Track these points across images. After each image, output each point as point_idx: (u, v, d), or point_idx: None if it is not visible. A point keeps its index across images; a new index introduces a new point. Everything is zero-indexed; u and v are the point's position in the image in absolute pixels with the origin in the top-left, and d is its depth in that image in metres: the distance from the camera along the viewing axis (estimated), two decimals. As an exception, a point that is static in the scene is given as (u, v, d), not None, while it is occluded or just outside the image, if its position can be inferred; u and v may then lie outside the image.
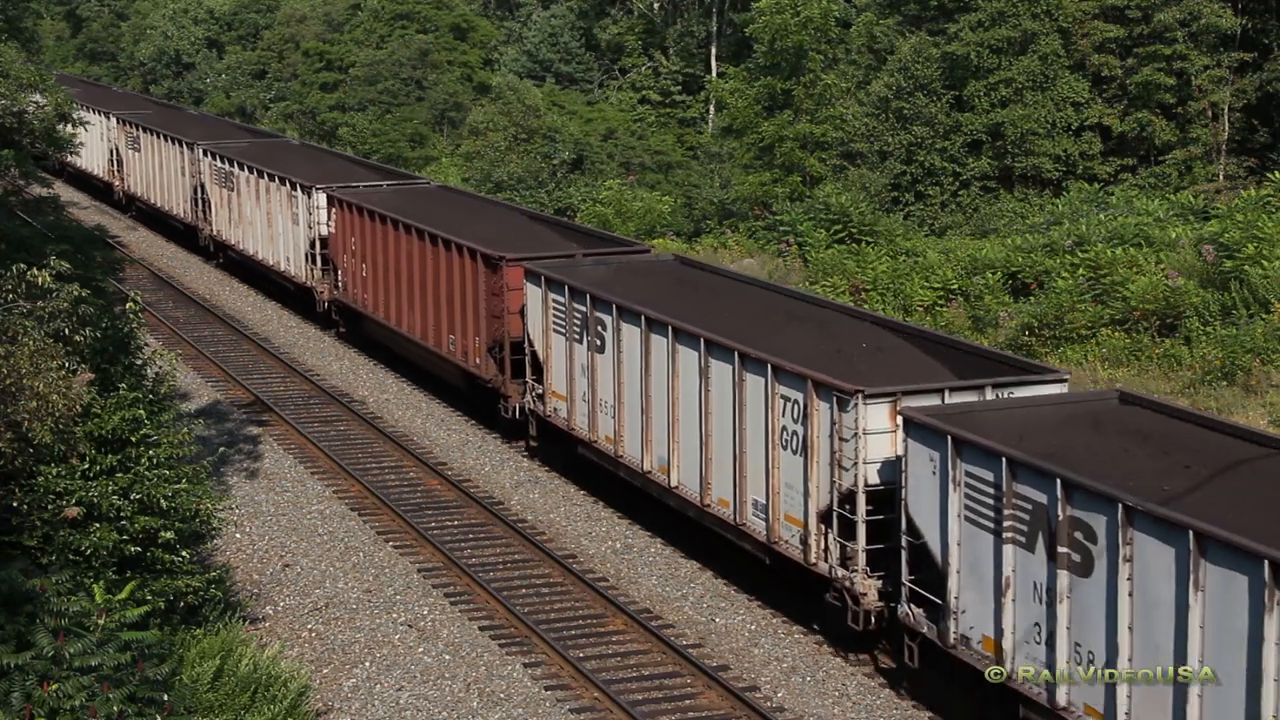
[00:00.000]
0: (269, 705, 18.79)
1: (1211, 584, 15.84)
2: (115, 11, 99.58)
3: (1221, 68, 47.83)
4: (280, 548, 26.89)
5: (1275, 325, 32.42)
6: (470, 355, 33.13)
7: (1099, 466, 18.25)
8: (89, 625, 15.13)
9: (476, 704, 21.02)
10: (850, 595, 21.58)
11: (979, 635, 19.13)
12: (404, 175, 46.69)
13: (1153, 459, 18.64)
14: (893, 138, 49.32)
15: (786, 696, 21.32)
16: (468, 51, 71.20)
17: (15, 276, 17.67)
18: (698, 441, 25.00)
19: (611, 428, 27.73)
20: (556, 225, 37.19)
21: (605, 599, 24.31)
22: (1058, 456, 18.44)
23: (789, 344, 24.02)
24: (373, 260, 38.17)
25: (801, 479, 22.36)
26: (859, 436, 21.23)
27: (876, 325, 25.69)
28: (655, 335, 26.12)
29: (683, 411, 25.49)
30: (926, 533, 19.93)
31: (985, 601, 18.97)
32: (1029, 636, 18.35)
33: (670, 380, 25.73)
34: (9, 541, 18.83)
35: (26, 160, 31.35)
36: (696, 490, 25.19)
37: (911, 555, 20.32)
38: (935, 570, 19.83)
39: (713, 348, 24.54)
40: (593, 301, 28.04)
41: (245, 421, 34.21)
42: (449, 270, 33.80)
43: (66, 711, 14.46)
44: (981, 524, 18.93)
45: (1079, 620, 17.56)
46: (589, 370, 28.34)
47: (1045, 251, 39.06)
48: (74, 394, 17.47)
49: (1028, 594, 18.31)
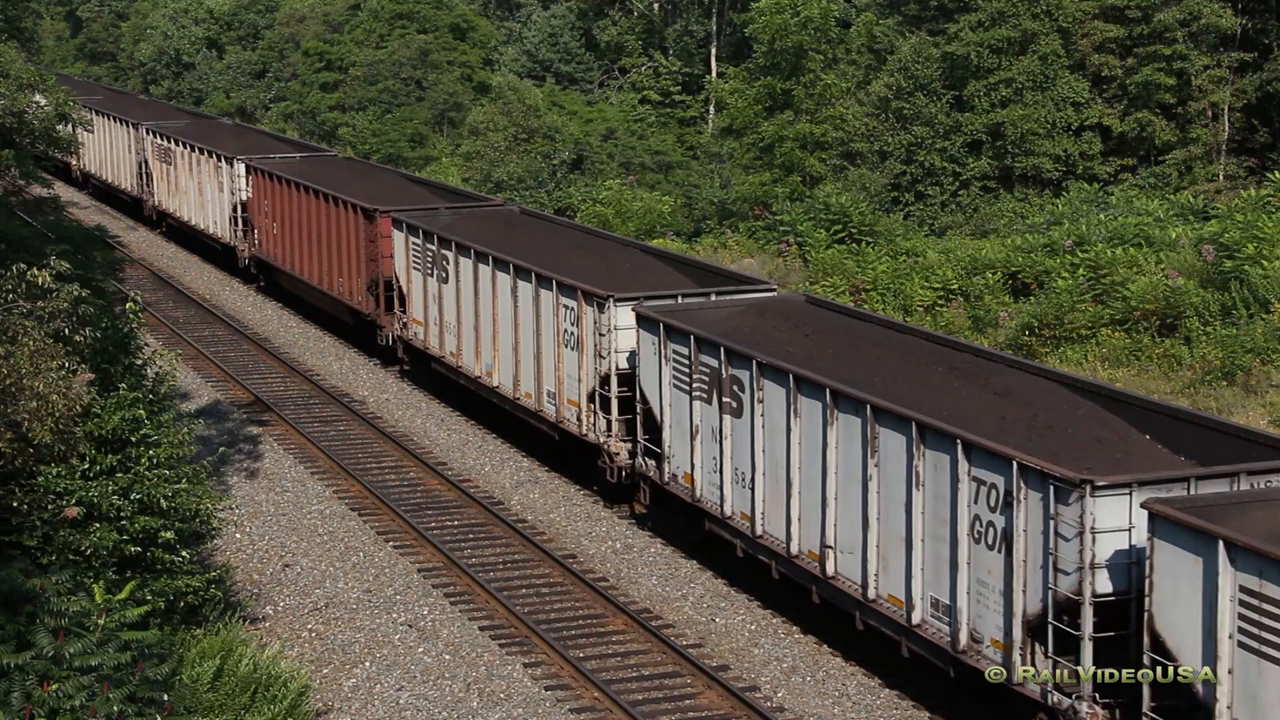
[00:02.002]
0: (269, 705, 18.79)
1: (804, 412, 22.36)
2: (115, 11, 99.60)
3: (1221, 68, 47.85)
4: (280, 548, 26.89)
5: (1275, 325, 32.42)
6: (354, 293, 39.12)
7: (755, 341, 24.47)
8: (89, 625, 15.13)
9: (476, 704, 21.02)
10: (609, 455, 27.69)
11: (682, 472, 25.52)
12: (314, 148, 53.52)
13: (801, 337, 24.83)
14: (893, 138, 49.32)
15: (786, 696, 21.32)
16: (467, 51, 71.20)
17: (15, 276, 17.67)
18: (511, 347, 31.14)
19: (454, 344, 33.89)
20: (430, 185, 43.65)
21: (605, 599, 24.31)
22: (730, 335, 24.78)
23: (571, 266, 30.25)
24: (282, 219, 43.95)
25: (577, 369, 28.54)
26: (611, 331, 27.42)
27: (645, 253, 32.15)
28: (482, 265, 32.27)
29: (501, 326, 31.62)
30: (651, 400, 26.14)
31: (685, 446, 25.40)
32: (710, 468, 24.68)
33: (492, 302, 31.80)
34: (9, 541, 18.82)
35: (26, 160, 31.35)
36: (510, 386, 31.35)
37: (644, 419, 26.42)
38: (657, 428, 26.05)
39: (520, 271, 30.59)
40: (440, 241, 34.22)
41: (245, 421, 34.21)
42: (338, 223, 39.73)
43: (66, 711, 14.46)
44: (680, 388, 25.34)
45: (736, 451, 24.09)
46: (438, 299, 34.47)
47: (1045, 251, 39.07)
48: (74, 394, 17.47)
49: (708, 436, 24.73)
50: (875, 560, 21.14)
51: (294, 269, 43.31)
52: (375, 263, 37.44)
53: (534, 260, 30.80)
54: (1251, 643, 15.47)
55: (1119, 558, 17.61)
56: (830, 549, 22.06)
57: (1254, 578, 15.44)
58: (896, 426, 20.52)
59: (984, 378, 22.23)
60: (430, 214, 36.74)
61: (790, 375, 22.68)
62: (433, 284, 34.55)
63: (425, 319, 35.19)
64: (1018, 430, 20.07)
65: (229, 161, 47.71)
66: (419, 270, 35.20)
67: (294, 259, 43.23)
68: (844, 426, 21.62)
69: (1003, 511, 18.73)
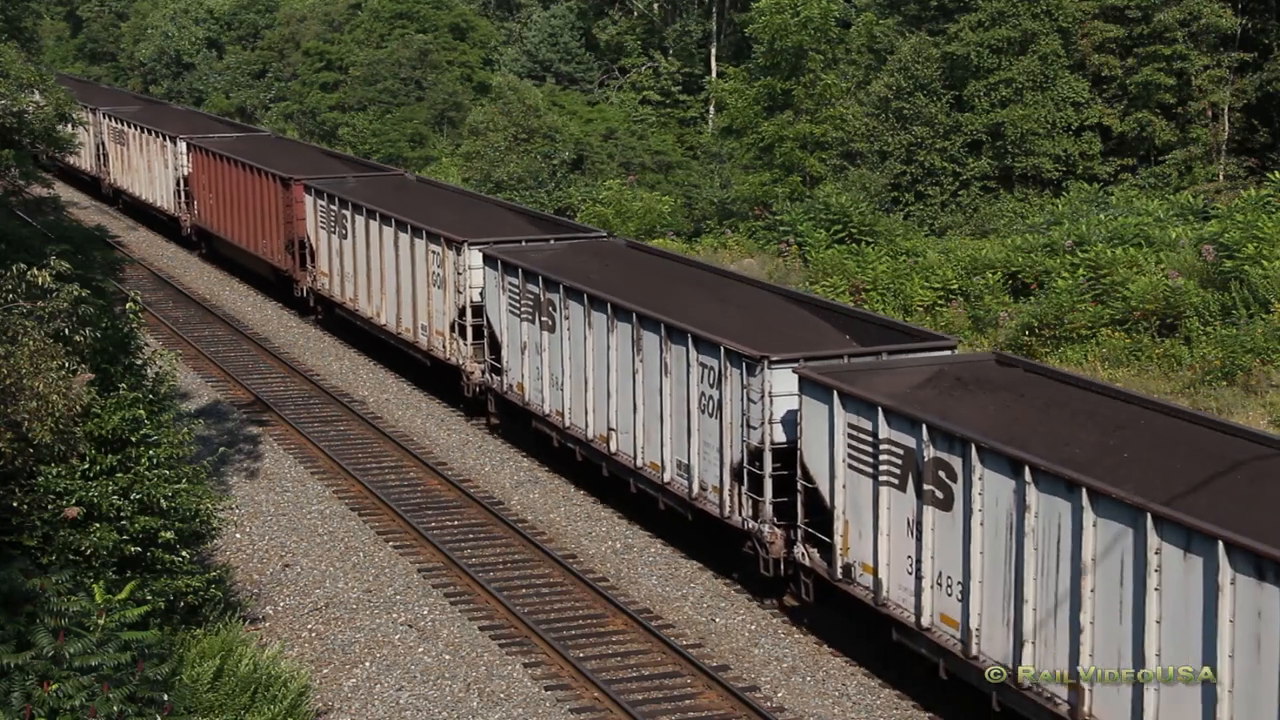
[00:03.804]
0: (269, 705, 18.78)
1: (595, 324, 27.71)
2: (115, 11, 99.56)
3: (1221, 68, 47.84)
4: (280, 548, 26.89)
5: (1275, 325, 32.41)
6: (275, 253, 44.67)
7: (565, 271, 28.66)
8: (89, 625, 15.13)
9: (476, 704, 21.02)
10: (466, 375, 32.95)
11: (515, 382, 28.62)
12: (250, 129, 60.58)
13: (600, 267, 29.99)
14: (893, 138, 49.31)
15: (786, 696, 21.32)
16: (467, 51, 71.18)
17: (15, 276, 17.66)
18: (394, 290, 36.81)
19: (352, 290, 39.53)
20: (342, 158, 50.32)
21: (605, 599, 24.31)
22: (547, 266, 28.17)
23: (440, 219, 35.97)
24: (217, 191, 49.63)
25: (441, 304, 33.97)
26: (466, 271, 31.13)
27: (499, 206, 36.64)
28: (371, 221, 37.80)
29: (386, 272, 37.17)
30: (494, 325, 30.29)
31: (517, 360, 29.02)
32: (534, 376, 28.13)
33: (380, 253, 37.46)
34: (9, 541, 18.81)
35: (26, 160, 31.35)
36: (394, 323, 36.96)
37: (489, 341, 30.21)
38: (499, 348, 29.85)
39: (399, 224, 36.23)
40: (340, 203, 39.66)
41: (245, 421, 34.21)
42: (261, 192, 45.23)
43: (66, 711, 14.46)
44: (513, 312, 28.73)
45: (551, 360, 28.44)
46: (340, 253, 40.05)
47: (1045, 251, 39.07)
48: (74, 394, 17.46)
49: (532, 350, 27.96)
50: (641, 436, 26.75)
51: (227, 234, 48.95)
52: (291, 225, 43.23)
53: (411, 215, 36.46)
54: (853, 463, 21.25)
55: (789, 416, 23.04)
56: (613, 431, 27.68)
57: (855, 416, 21.21)
58: (652, 328, 26.06)
59: (724, 293, 28.18)
60: (338, 181, 42.60)
61: (585, 295, 28.06)
62: (335, 240, 40.44)
63: (330, 271, 41.10)
64: (736, 326, 25.44)
65: (172, 140, 53.37)
66: (325, 229, 41.16)
67: (227, 225, 48.84)
68: (620, 333, 27.13)
69: (716, 386, 24.34)
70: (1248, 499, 17.15)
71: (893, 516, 20.77)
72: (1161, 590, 16.67)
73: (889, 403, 20.78)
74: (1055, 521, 17.99)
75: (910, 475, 20.32)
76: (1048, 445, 19.16)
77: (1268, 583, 15.42)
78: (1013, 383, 21.92)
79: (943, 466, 19.71)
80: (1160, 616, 16.72)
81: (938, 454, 19.78)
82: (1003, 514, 18.85)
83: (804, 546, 22.89)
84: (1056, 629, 18.08)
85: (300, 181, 42.79)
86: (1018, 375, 22.35)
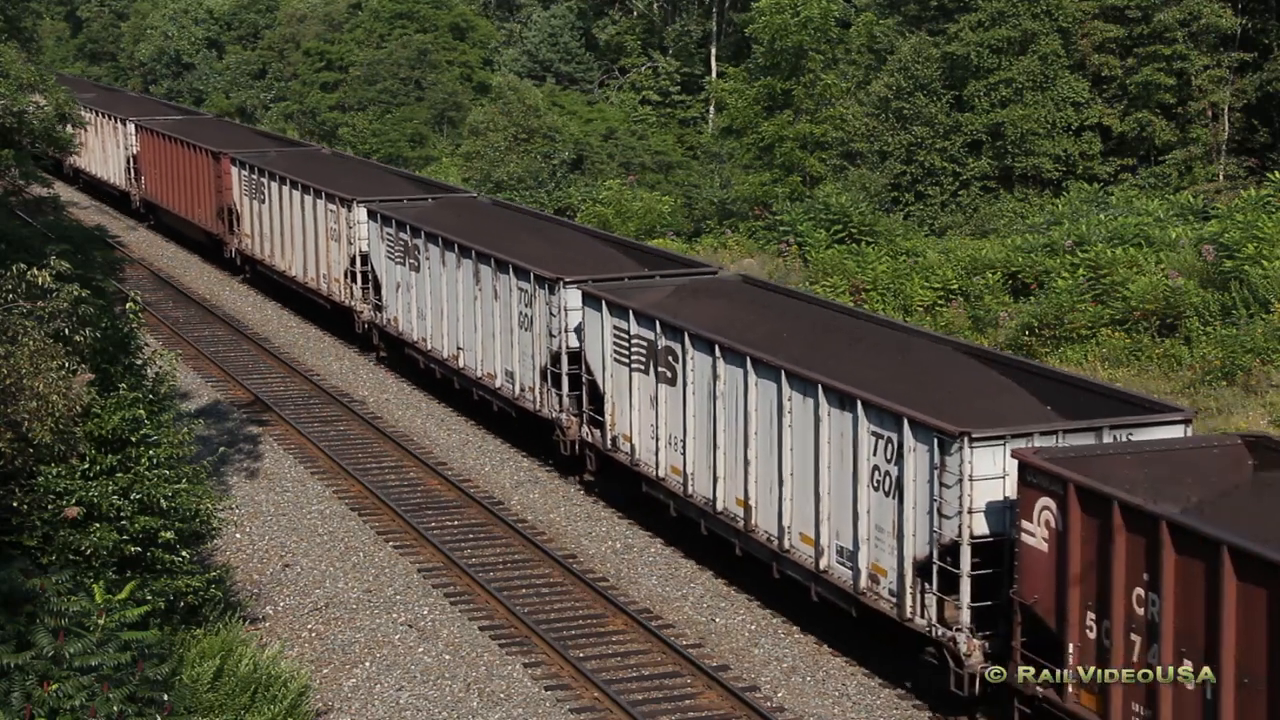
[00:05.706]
0: (269, 705, 18.78)
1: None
2: (115, 11, 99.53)
3: (1221, 68, 47.84)
4: (280, 548, 26.89)
5: (1275, 325, 32.40)
6: (207, 220, 50.57)
7: (434, 222, 36.05)
8: (89, 625, 15.12)
9: (476, 704, 21.02)
10: (356, 314, 39.52)
11: (391, 316, 37.05)
12: (193, 111, 68.31)
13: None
14: (893, 138, 49.31)
15: (786, 696, 21.32)
16: (467, 51, 71.18)
17: (15, 276, 17.66)
18: (300, 245, 42.83)
19: (269, 248, 45.30)
20: (269, 136, 57.69)
21: (605, 599, 24.31)
22: (414, 216, 36.69)
23: (338, 182, 42.50)
24: (161, 167, 55.48)
25: (338, 254, 40.58)
26: (355, 225, 37.54)
27: (386, 172, 45.32)
28: (283, 187, 43.54)
29: (294, 230, 42.91)
30: (377, 271, 37.87)
31: (395, 299, 37.18)
32: (405, 309, 35.31)
33: (290, 213, 43.23)
34: (9, 541, 18.81)
35: (26, 160, 31.34)
36: (302, 273, 42.66)
37: (373, 287, 35.85)
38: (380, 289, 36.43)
39: (304, 188, 42.13)
40: (259, 172, 45.65)
41: (245, 421, 34.21)
42: (195, 166, 51.11)
43: (66, 711, 14.46)
44: (392, 258, 36.54)
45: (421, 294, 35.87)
46: (259, 216, 45.79)
47: (1045, 251, 39.06)
48: (74, 394, 17.46)
49: (404, 289, 35.37)
50: (480, 350, 31.00)
51: (170, 205, 54.84)
52: (221, 194, 48.87)
53: (314, 180, 42.21)
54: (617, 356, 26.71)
55: (580, 325, 28.55)
56: (460, 350, 31.57)
57: (618, 320, 26.73)
58: (485, 262, 29.23)
59: (551, 235, 31.01)
60: (260, 154, 48.35)
61: (440, 239, 33.85)
62: (256, 205, 46.19)
63: (253, 233, 46.78)
64: (548, 257, 29.05)
65: (123, 122, 59.94)
66: (248, 197, 46.84)
67: (170, 197, 54.65)
68: (465, 269, 32.90)
69: (529, 304, 28.65)
70: (850, 359, 23.39)
71: (640, 395, 26.76)
72: (792, 426, 22.74)
73: (638, 306, 26.76)
74: (736, 386, 24.03)
75: (651, 361, 26.35)
76: (738, 331, 25.03)
77: (846, 411, 21.59)
78: (736, 293, 27.86)
79: (670, 352, 25.80)
80: (792, 445, 22.79)
81: (667, 342, 25.86)
82: (704, 383, 24.92)
83: (589, 428, 28.67)
84: (735, 465, 24.30)
85: (228, 155, 48.41)
86: (743, 288, 28.45)
